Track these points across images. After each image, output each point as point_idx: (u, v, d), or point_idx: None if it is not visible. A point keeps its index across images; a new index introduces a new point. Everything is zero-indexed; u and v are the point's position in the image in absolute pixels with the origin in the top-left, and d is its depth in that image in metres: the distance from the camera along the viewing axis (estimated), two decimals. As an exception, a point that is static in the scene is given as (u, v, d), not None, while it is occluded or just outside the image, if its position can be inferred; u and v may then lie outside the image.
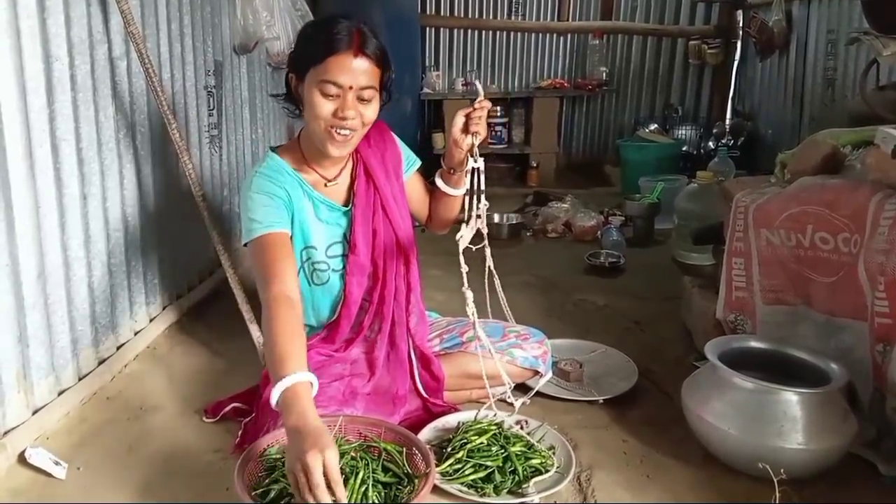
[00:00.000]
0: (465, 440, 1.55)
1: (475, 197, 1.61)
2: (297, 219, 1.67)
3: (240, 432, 1.63)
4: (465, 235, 1.62)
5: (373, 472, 1.35)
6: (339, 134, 1.56)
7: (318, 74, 1.52)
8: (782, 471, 1.33)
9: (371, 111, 1.59)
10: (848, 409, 1.54)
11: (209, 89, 2.65)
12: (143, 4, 2.11)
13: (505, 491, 1.46)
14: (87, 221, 1.87)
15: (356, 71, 1.52)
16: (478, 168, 1.60)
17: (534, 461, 1.52)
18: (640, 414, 1.82)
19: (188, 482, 1.52)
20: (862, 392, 1.65)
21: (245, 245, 1.62)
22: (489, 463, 1.49)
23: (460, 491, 1.46)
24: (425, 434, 1.64)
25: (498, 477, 1.48)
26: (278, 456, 1.38)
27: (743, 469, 1.49)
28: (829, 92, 3.68)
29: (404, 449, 1.44)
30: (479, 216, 1.63)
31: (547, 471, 1.51)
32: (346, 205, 1.74)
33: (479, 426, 1.61)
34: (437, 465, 1.47)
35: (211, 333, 2.31)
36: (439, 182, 1.80)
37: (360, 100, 1.55)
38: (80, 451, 1.63)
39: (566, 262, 2.04)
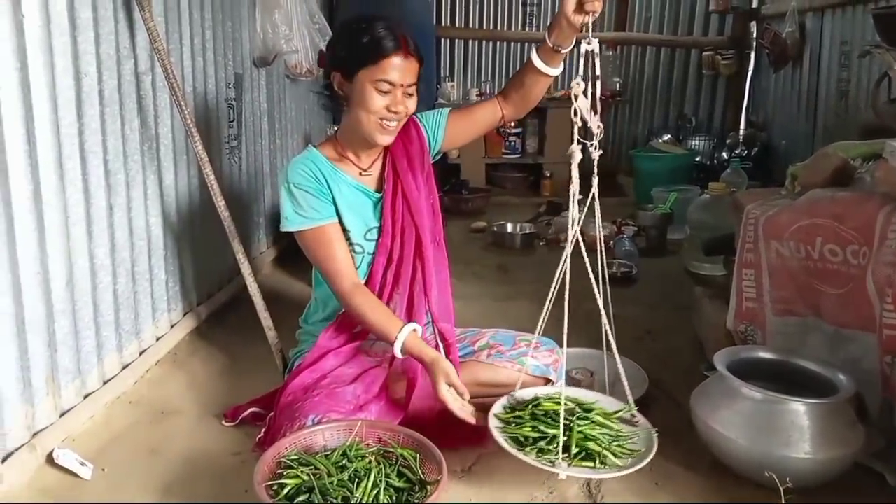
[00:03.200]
0: (538, 402, 1.58)
1: (591, 84, 1.44)
2: (335, 205, 1.78)
3: (263, 430, 1.68)
4: (583, 97, 1.43)
5: (386, 477, 1.39)
6: (388, 125, 1.72)
7: (373, 74, 1.67)
8: (788, 479, 1.35)
9: (414, 103, 1.76)
10: (855, 420, 1.56)
11: (230, 102, 2.72)
12: (168, 21, 2.19)
13: (544, 456, 1.46)
14: (112, 231, 1.93)
15: (406, 70, 1.68)
16: (592, 51, 1.44)
17: (593, 445, 1.48)
18: (650, 421, 1.84)
19: (208, 483, 1.58)
20: (871, 403, 1.67)
21: (289, 232, 1.76)
22: (549, 430, 1.49)
23: (506, 441, 1.50)
24: (501, 401, 1.67)
25: (552, 445, 1.46)
26: (296, 457, 1.42)
27: (750, 477, 1.52)
28: (842, 103, 3.69)
29: (419, 455, 1.48)
30: (593, 107, 1.47)
31: (604, 463, 1.47)
32: (378, 191, 1.85)
33: (556, 398, 1.60)
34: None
35: (230, 339, 2.37)
36: (536, 60, 1.70)
37: (407, 94, 1.71)
38: (105, 453, 1.69)
39: (580, 271, 2.06)
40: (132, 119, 2.02)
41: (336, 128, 1.85)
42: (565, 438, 1.47)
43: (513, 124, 5.01)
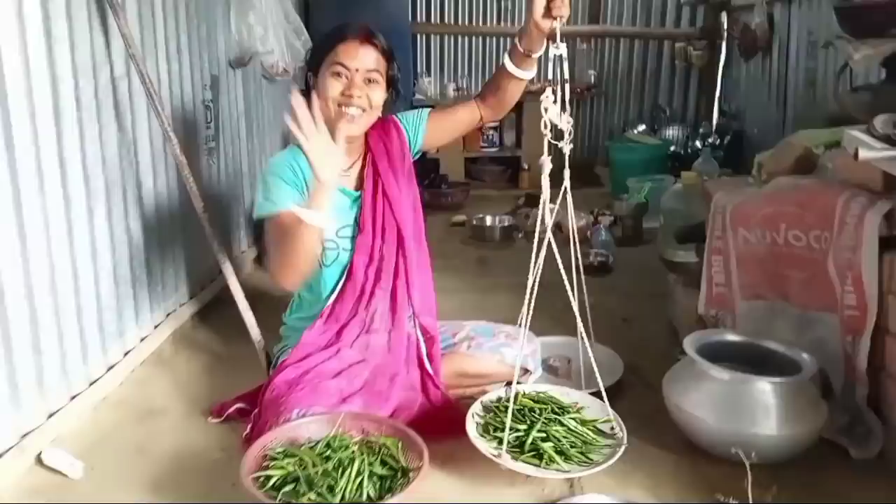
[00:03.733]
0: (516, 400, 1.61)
1: (560, 87, 1.51)
2: None
3: (249, 426, 1.71)
4: (553, 105, 1.49)
5: (369, 465, 1.44)
6: (347, 113, 1.73)
7: (330, 60, 1.72)
8: (753, 454, 1.41)
9: (377, 95, 1.76)
10: (819, 397, 1.63)
11: (206, 103, 2.74)
12: (143, 26, 2.20)
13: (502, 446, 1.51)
14: (93, 235, 1.95)
15: (362, 55, 1.72)
16: (561, 55, 1.52)
17: (547, 446, 1.52)
18: (625, 406, 1.89)
19: (196, 479, 1.61)
20: (835, 381, 1.74)
21: (259, 220, 1.80)
22: (519, 426, 1.54)
23: (474, 428, 1.57)
24: (496, 392, 1.72)
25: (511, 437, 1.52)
26: (281, 450, 1.46)
27: (720, 455, 1.58)
28: (810, 92, 3.77)
29: (401, 443, 1.53)
30: (562, 108, 1.54)
31: (564, 457, 1.52)
32: (357, 190, 1.88)
33: (537, 396, 1.67)
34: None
35: (214, 338, 2.40)
36: (509, 65, 1.76)
37: (367, 82, 1.72)
38: (93, 453, 1.71)
39: (555, 262, 2.12)
40: (109, 124, 2.03)
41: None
42: (522, 434, 1.53)
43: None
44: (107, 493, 1.57)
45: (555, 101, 1.51)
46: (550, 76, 1.59)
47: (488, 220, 3.79)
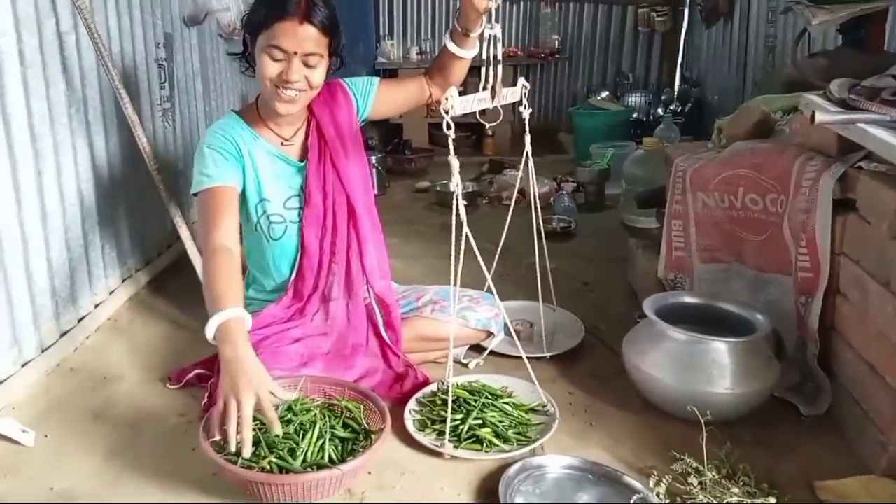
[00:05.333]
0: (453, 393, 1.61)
1: (490, 67, 1.55)
2: (252, 173, 1.75)
3: (206, 395, 1.69)
4: (458, 99, 1.51)
5: (331, 428, 1.43)
6: (285, 94, 1.65)
7: (267, 39, 1.61)
8: (708, 412, 1.45)
9: (317, 76, 1.67)
10: (772, 356, 1.67)
11: (160, 62, 2.65)
12: (90, -23, 2.10)
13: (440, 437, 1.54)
14: (42, 197, 1.88)
15: (301, 37, 1.60)
16: (494, 35, 1.56)
17: (484, 431, 1.55)
18: (585, 368, 1.94)
19: (154, 445, 1.59)
20: (787, 341, 1.79)
21: (195, 195, 1.70)
22: (450, 416, 1.55)
23: (412, 423, 1.59)
24: (429, 387, 1.73)
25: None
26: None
27: (677, 414, 1.61)
28: (770, 58, 3.81)
29: (362, 406, 1.53)
30: (493, 87, 1.57)
31: (503, 439, 1.55)
32: (301, 160, 1.81)
33: (470, 387, 1.70)
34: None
35: (171, 305, 2.35)
36: (450, 44, 1.77)
37: (306, 65, 1.64)
38: (46, 420, 1.68)
39: (520, 228, 2.13)
40: (57, 81, 1.95)
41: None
42: (458, 422, 1.56)
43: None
44: (61, 459, 1.54)
45: (461, 93, 1.52)
46: (485, 56, 1.58)
47: (452, 187, 3.76)
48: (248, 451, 1.28)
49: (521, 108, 1.77)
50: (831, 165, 1.62)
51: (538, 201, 1.96)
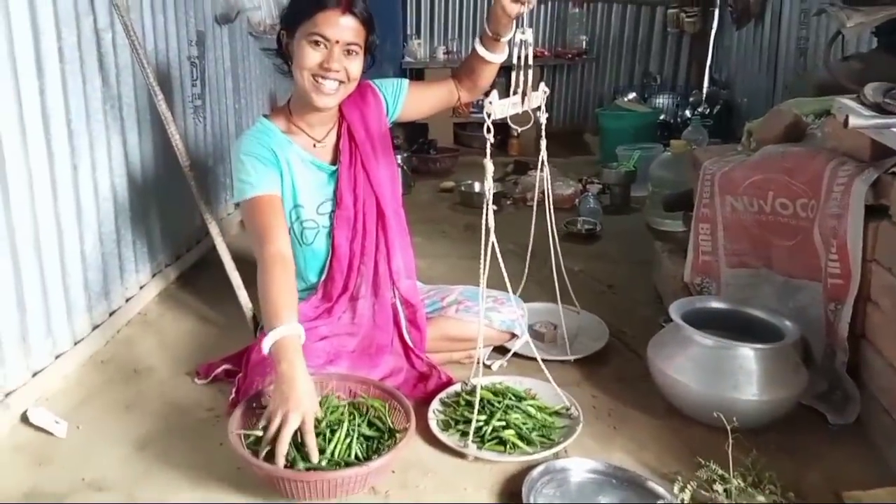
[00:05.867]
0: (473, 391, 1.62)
1: (521, 71, 1.55)
2: (288, 180, 1.76)
3: (233, 389, 1.71)
4: (498, 103, 1.51)
5: (357, 427, 1.45)
6: (325, 86, 1.67)
7: (308, 28, 1.63)
8: (735, 419, 1.44)
9: (356, 66, 1.70)
10: (799, 363, 1.65)
11: (192, 60, 2.68)
12: (126, -24, 2.14)
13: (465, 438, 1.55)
14: (77, 192, 1.92)
15: (343, 26, 1.63)
16: (525, 40, 1.56)
17: (507, 433, 1.55)
18: (609, 371, 1.93)
19: (183, 438, 1.61)
20: (815, 348, 1.77)
21: (236, 204, 1.70)
22: (476, 416, 1.56)
23: (436, 423, 1.60)
24: (453, 387, 1.73)
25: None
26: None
27: (702, 419, 1.61)
28: (801, 61, 3.76)
29: (387, 405, 1.54)
30: (524, 92, 1.58)
31: (527, 441, 1.55)
32: (333, 163, 1.83)
33: (493, 388, 1.70)
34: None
35: (200, 299, 2.39)
36: (480, 48, 1.77)
37: (346, 53, 1.66)
38: (79, 411, 1.72)
39: (544, 229, 2.14)
40: (93, 78, 1.99)
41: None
42: (483, 424, 1.56)
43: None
44: (93, 449, 1.57)
45: (501, 97, 1.53)
46: (515, 60, 1.59)
47: (476, 187, 3.77)
48: (280, 463, 1.31)
49: (539, 113, 1.78)
50: (864, 170, 1.60)
51: (552, 204, 1.95)
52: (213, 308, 2.30)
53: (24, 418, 1.63)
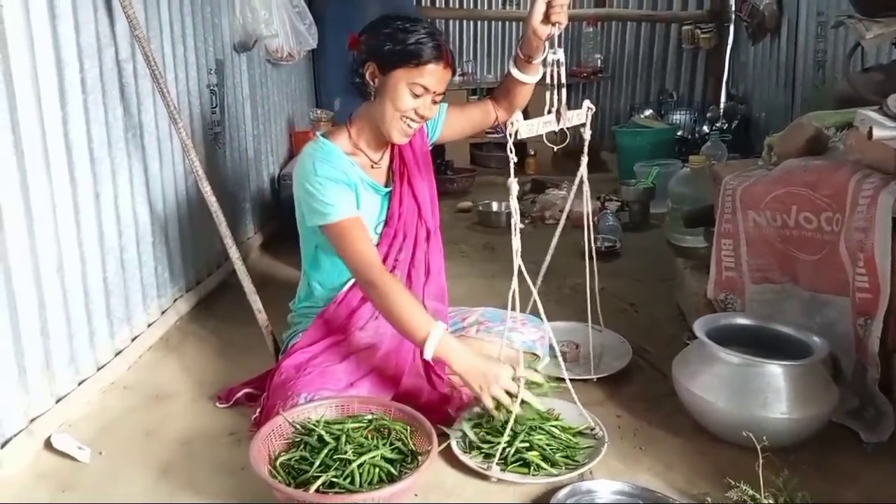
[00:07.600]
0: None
1: (555, 91, 1.58)
2: (355, 201, 1.78)
3: (258, 410, 1.70)
4: (524, 123, 1.52)
5: (380, 450, 1.43)
6: (409, 126, 1.73)
7: (411, 76, 1.66)
8: (765, 438, 1.40)
9: (437, 111, 1.79)
10: (829, 380, 1.62)
11: (211, 88, 2.72)
12: (147, 8, 2.18)
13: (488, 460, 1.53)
14: (100, 219, 1.95)
15: (443, 80, 1.71)
16: (557, 60, 1.60)
17: (531, 455, 1.53)
18: (633, 391, 1.90)
19: (205, 463, 1.61)
20: (845, 364, 1.73)
21: (319, 227, 1.72)
22: (498, 439, 1.54)
23: (457, 444, 1.58)
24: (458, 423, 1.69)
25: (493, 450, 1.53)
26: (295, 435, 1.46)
27: (730, 439, 1.57)
28: (819, 74, 3.73)
29: (410, 427, 1.53)
30: (558, 111, 1.61)
31: (551, 463, 1.52)
32: (385, 185, 1.86)
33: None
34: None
35: (221, 324, 2.40)
36: (514, 71, 1.81)
37: (434, 102, 1.73)
38: (102, 437, 1.72)
39: (563, 247, 2.14)
40: (115, 107, 2.02)
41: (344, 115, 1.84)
42: (505, 445, 1.53)
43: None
44: (116, 476, 1.57)
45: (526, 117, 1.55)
46: (548, 80, 1.60)
47: (494, 206, 3.77)
48: (516, 409, 1.53)
49: (583, 130, 1.78)
50: (889, 182, 1.57)
51: (587, 220, 1.94)
52: (234, 332, 2.31)
53: (48, 444, 1.64)
